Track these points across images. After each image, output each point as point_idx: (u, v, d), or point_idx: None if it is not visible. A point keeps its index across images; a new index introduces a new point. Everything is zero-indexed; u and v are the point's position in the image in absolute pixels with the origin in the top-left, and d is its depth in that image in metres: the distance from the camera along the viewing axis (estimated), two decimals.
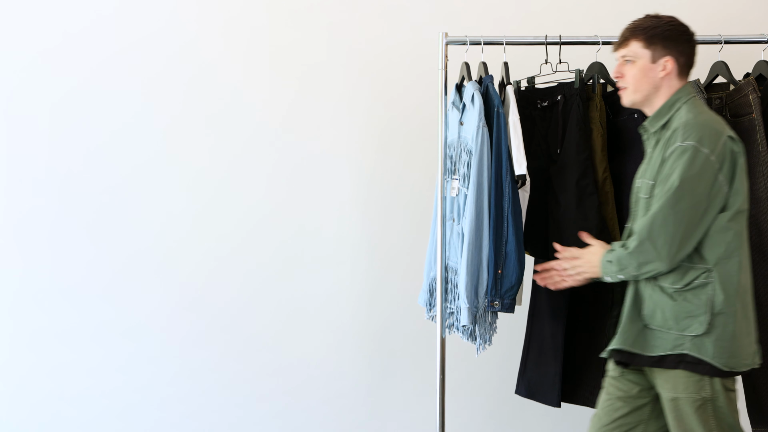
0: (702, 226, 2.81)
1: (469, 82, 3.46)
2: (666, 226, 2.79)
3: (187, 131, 4.20)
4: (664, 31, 2.91)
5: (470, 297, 3.31)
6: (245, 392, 4.22)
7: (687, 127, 2.81)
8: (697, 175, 2.78)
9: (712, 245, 2.83)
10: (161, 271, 4.20)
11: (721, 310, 2.81)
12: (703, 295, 2.82)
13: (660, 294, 2.88)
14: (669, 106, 2.91)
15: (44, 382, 4.19)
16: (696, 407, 2.83)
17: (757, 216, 3.29)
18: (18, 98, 4.17)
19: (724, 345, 2.82)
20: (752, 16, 4.18)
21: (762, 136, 3.30)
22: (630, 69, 2.93)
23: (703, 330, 2.81)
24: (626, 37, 2.95)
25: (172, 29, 4.19)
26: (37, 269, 4.18)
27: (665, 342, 2.86)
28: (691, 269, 2.84)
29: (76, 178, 4.18)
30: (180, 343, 4.21)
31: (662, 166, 2.85)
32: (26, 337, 4.19)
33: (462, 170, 3.40)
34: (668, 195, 2.79)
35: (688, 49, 2.94)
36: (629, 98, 2.96)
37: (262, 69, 4.20)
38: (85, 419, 4.20)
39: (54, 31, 4.17)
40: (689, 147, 2.79)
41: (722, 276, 2.82)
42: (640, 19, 2.97)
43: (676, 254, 2.81)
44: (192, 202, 4.20)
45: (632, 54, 2.93)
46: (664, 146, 2.86)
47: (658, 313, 2.87)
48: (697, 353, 2.81)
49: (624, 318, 2.94)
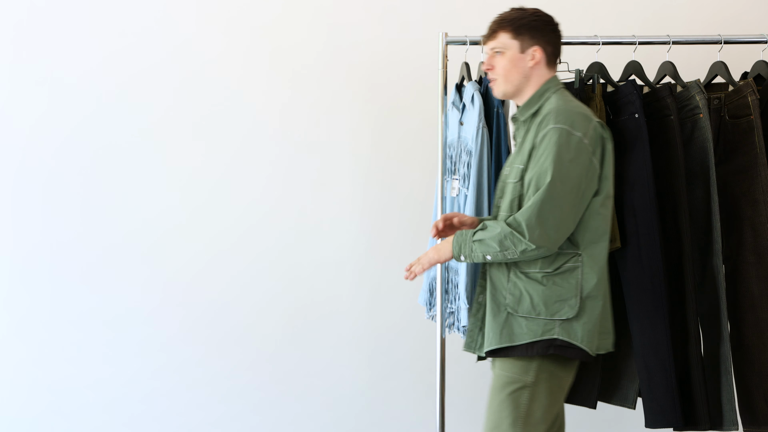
0: (581, 207, 2.86)
1: (469, 82, 3.46)
2: (551, 211, 2.82)
3: (184, 131, 4.20)
4: (530, 22, 2.97)
5: (471, 297, 3.31)
6: (237, 388, 4.22)
7: (558, 112, 2.87)
8: (574, 158, 2.83)
9: (583, 229, 2.88)
10: (161, 269, 4.21)
11: (590, 293, 2.87)
12: (572, 279, 2.87)
13: (527, 280, 2.89)
14: (539, 96, 2.97)
15: (35, 373, 4.20)
16: (513, 389, 2.87)
17: (753, 218, 3.30)
18: (11, 93, 4.18)
19: (591, 328, 2.87)
20: (752, 16, 4.18)
21: (760, 138, 3.30)
22: (500, 60, 2.99)
23: (573, 314, 2.85)
24: (494, 29, 3.00)
25: (172, 29, 4.19)
26: (24, 260, 4.19)
27: (534, 328, 2.87)
28: (560, 254, 2.88)
29: (72, 174, 4.18)
30: (179, 340, 4.21)
31: (534, 151, 2.89)
32: (13, 329, 4.19)
33: (462, 170, 3.40)
34: (547, 180, 2.82)
35: (555, 38, 3.01)
36: (501, 89, 3.00)
37: (261, 69, 4.20)
38: (71, 410, 4.20)
39: (46, 29, 4.17)
40: (562, 130, 2.84)
41: (590, 260, 2.88)
42: (506, 12, 3.02)
43: (563, 235, 2.85)
44: (190, 200, 4.20)
45: (501, 45, 2.98)
46: (536, 132, 2.90)
47: (525, 300, 2.88)
48: (567, 337, 2.85)
49: (487, 315, 2.95)
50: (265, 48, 4.20)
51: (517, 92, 2.99)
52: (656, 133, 3.33)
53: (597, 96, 3.36)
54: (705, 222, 3.30)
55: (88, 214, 4.20)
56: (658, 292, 3.25)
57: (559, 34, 3.03)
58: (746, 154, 3.31)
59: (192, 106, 4.19)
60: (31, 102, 4.18)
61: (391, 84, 4.22)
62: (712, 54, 3.45)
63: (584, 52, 3.50)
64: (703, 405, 3.24)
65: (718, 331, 3.30)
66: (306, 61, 4.20)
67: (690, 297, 3.27)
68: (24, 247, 4.19)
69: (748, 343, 3.30)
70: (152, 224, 4.20)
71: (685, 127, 3.33)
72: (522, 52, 2.97)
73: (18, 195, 4.19)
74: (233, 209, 4.21)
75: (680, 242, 3.29)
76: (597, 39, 3.44)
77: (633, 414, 3.63)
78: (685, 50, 3.59)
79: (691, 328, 3.28)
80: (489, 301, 2.95)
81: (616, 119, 3.37)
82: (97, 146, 4.19)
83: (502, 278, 2.93)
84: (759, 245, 3.28)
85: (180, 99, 4.20)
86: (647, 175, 3.26)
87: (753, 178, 3.29)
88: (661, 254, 3.25)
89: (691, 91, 3.31)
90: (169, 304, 4.20)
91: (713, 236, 3.29)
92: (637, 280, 3.29)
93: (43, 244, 4.19)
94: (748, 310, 3.30)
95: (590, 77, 3.40)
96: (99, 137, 4.19)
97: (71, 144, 4.19)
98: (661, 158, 3.32)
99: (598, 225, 2.89)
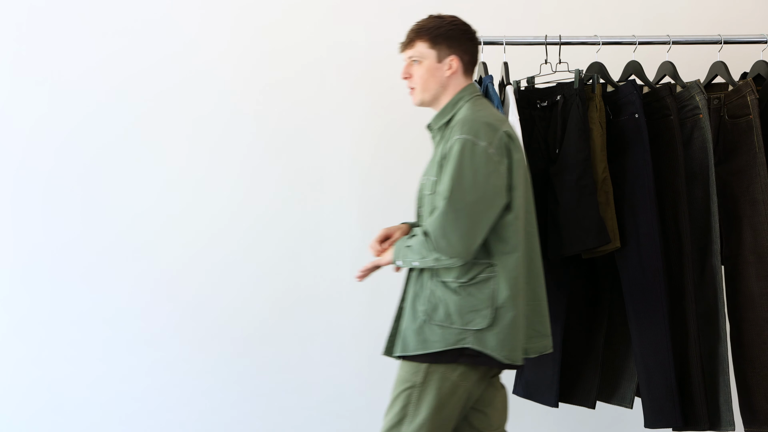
0: (490, 216, 2.85)
1: None
2: (456, 221, 2.83)
3: (183, 131, 4.20)
4: (447, 31, 2.98)
5: None
6: (245, 390, 4.22)
7: (464, 123, 2.88)
8: (478, 168, 2.83)
9: (496, 240, 2.88)
10: (161, 269, 4.21)
11: (503, 303, 2.86)
12: (486, 289, 2.87)
13: (443, 289, 2.91)
14: (453, 104, 2.98)
15: (32, 373, 4.20)
16: (403, 388, 2.93)
17: (752, 217, 3.30)
18: (7, 93, 4.18)
19: (504, 338, 2.87)
20: (751, 16, 4.18)
21: (759, 137, 3.30)
22: (417, 69, 3.00)
23: (486, 324, 2.86)
24: (411, 38, 3.01)
25: (171, 30, 4.19)
26: (24, 259, 4.20)
27: (447, 337, 2.88)
28: (475, 264, 2.89)
29: (72, 173, 4.19)
30: (180, 339, 4.21)
31: (444, 161, 2.90)
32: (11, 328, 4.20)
33: None
34: (450, 191, 2.83)
35: (472, 47, 3.02)
36: (418, 98, 3.02)
37: (261, 69, 4.19)
38: (70, 409, 4.20)
39: (44, 31, 4.18)
40: (467, 140, 2.85)
41: (504, 270, 2.87)
42: (423, 20, 3.03)
43: (471, 246, 2.84)
44: (192, 200, 4.20)
45: (419, 54, 2.98)
46: (445, 142, 2.92)
47: (440, 309, 2.90)
48: (478, 346, 2.86)
49: (405, 320, 2.98)
50: (265, 48, 4.20)
51: (434, 100, 3.01)
52: (656, 133, 3.34)
53: (597, 96, 3.36)
54: (704, 222, 3.31)
55: (89, 213, 4.20)
56: (658, 291, 3.26)
57: (476, 43, 3.04)
58: (745, 153, 3.31)
59: (191, 109, 4.19)
60: (31, 102, 4.18)
61: (391, 84, 4.21)
62: (712, 54, 3.45)
63: (584, 52, 3.50)
64: (702, 405, 3.24)
65: (717, 330, 3.30)
66: (306, 61, 4.19)
67: (689, 297, 3.28)
68: (24, 246, 4.19)
69: (748, 342, 3.30)
70: (152, 224, 4.20)
71: (685, 127, 3.33)
72: (439, 61, 2.98)
73: (18, 194, 4.19)
74: (235, 208, 4.20)
75: (680, 242, 3.30)
76: (597, 39, 3.44)
77: (633, 414, 3.64)
78: (685, 50, 3.59)
79: (690, 327, 3.28)
80: (408, 307, 2.98)
81: (616, 119, 3.38)
82: (96, 146, 4.19)
83: (422, 286, 2.96)
84: (758, 245, 3.29)
85: (180, 99, 4.20)
86: (647, 175, 3.27)
87: (752, 178, 3.30)
88: (660, 254, 3.25)
89: (691, 91, 3.31)
90: (176, 304, 4.21)
91: (712, 236, 3.29)
92: (637, 279, 3.30)
93: (43, 243, 4.19)
94: (748, 309, 3.31)
95: (590, 77, 3.40)
96: (98, 137, 4.19)
97: (71, 144, 4.18)
98: (661, 158, 3.32)
99: (510, 236, 2.88)
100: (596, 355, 3.55)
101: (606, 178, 3.34)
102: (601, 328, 3.56)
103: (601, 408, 3.64)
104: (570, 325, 3.51)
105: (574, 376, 3.55)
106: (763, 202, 3.28)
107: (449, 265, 2.88)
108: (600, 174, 3.33)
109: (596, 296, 3.56)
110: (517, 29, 3.83)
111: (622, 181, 3.33)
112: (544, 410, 3.80)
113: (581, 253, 3.36)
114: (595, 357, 3.55)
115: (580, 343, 3.54)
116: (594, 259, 3.50)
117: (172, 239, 4.20)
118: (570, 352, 3.52)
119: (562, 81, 3.44)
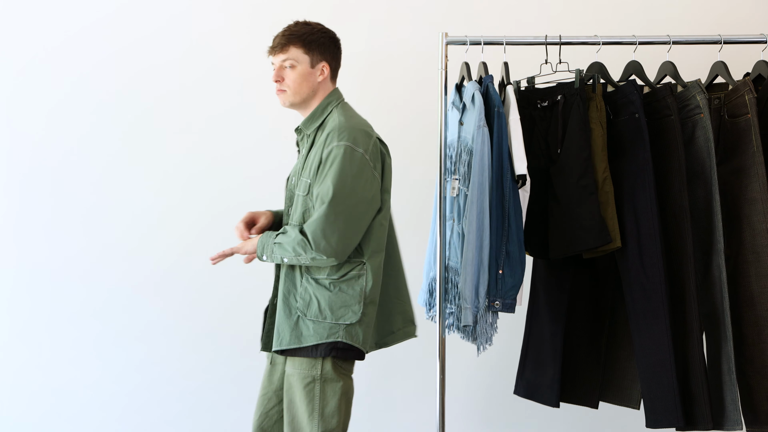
0: (366, 219, 3.06)
1: (469, 82, 3.46)
2: (335, 224, 3.01)
3: (183, 131, 4.21)
4: (319, 38, 3.16)
5: (471, 297, 3.30)
6: (244, 390, 4.22)
7: (341, 130, 3.07)
8: (357, 174, 3.03)
9: (368, 240, 3.09)
10: (163, 269, 4.21)
11: (372, 299, 3.09)
12: (357, 286, 3.07)
13: (316, 286, 3.07)
14: (322, 109, 3.17)
15: (36, 375, 4.20)
16: (304, 384, 3.06)
17: (751, 216, 3.30)
18: (12, 96, 4.19)
19: (367, 331, 3.07)
20: (752, 16, 4.19)
21: (757, 136, 3.30)
22: (290, 73, 3.14)
23: (356, 318, 3.06)
24: (284, 43, 3.15)
25: (173, 32, 4.20)
26: (25, 259, 4.20)
27: (320, 331, 3.05)
28: (348, 262, 3.08)
29: (76, 176, 4.19)
30: (182, 338, 4.22)
31: (321, 166, 3.07)
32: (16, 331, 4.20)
33: (462, 170, 3.40)
34: (331, 195, 3.00)
35: (339, 54, 3.23)
36: (289, 100, 3.16)
37: (260, 68, 4.19)
38: (72, 412, 4.20)
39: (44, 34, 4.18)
40: (346, 147, 3.04)
41: (373, 268, 3.10)
42: (294, 26, 3.18)
43: (349, 247, 3.04)
44: (194, 200, 4.21)
45: (293, 59, 3.13)
46: (322, 147, 3.07)
47: (314, 304, 3.06)
48: (349, 340, 3.05)
49: (279, 316, 3.11)
50: (265, 48, 4.20)
51: (303, 104, 3.17)
52: (657, 133, 3.33)
53: (597, 96, 3.36)
54: (707, 222, 3.30)
55: (89, 214, 4.20)
56: (658, 291, 3.25)
57: (341, 50, 3.23)
58: (744, 153, 3.31)
59: (198, 109, 4.21)
60: (37, 105, 4.19)
61: (390, 84, 4.22)
62: (713, 54, 3.45)
63: (584, 52, 3.50)
64: (704, 405, 3.24)
65: (721, 330, 3.30)
66: None
67: (691, 297, 3.27)
68: (25, 245, 4.20)
69: (748, 341, 3.30)
70: (154, 224, 4.20)
71: (686, 127, 3.33)
72: (312, 67, 3.15)
73: (21, 197, 4.20)
74: (238, 209, 4.20)
75: (681, 242, 3.29)
76: (597, 39, 3.44)
77: (633, 414, 3.64)
78: (685, 50, 3.59)
79: (693, 327, 3.27)
80: (281, 303, 3.11)
81: (616, 119, 3.37)
82: (97, 147, 4.20)
83: (295, 283, 3.11)
84: (757, 244, 3.29)
85: (181, 99, 4.20)
86: (648, 175, 3.27)
87: (750, 177, 3.29)
88: (661, 254, 3.25)
89: (692, 91, 3.31)
90: (184, 304, 4.24)
91: (715, 236, 3.29)
92: (638, 279, 3.30)
93: (46, 245, 4.19)
94: (747, 308, 3.30)
95: (590, 77, 3.40)
96: (98, 137, 4.20)
97: (72, 147, 4.19)
98: (662, 158, 3.32)
99: (380, 236, 3.12)
100: (598, 354, 3.55)
101: (607, 177, 3.34)
102: (603, 328, 3.56)
103: (602, 408, 3.64)
104: (571, 324, 3.52)
105: (576, 376, 3.55)
106: (762, 201, 3.27)
107: (325, 265, 3.04)
108: (601, 174, 3.33)
109: (598, 296, 3.56)
110: (518, 29, 3.84)
111: (623, 181, 3.32)
112: (545, 410, 3.79)
113: (582, 253, 3.36)
114: (596, 356, 3.55)
115: (582, 343, 3.55)
116: (595, 258, 3.50)
117: (165, 237, 4.22)
118: (571, 351, 3.52)
119: (563, 81, 3.44)
